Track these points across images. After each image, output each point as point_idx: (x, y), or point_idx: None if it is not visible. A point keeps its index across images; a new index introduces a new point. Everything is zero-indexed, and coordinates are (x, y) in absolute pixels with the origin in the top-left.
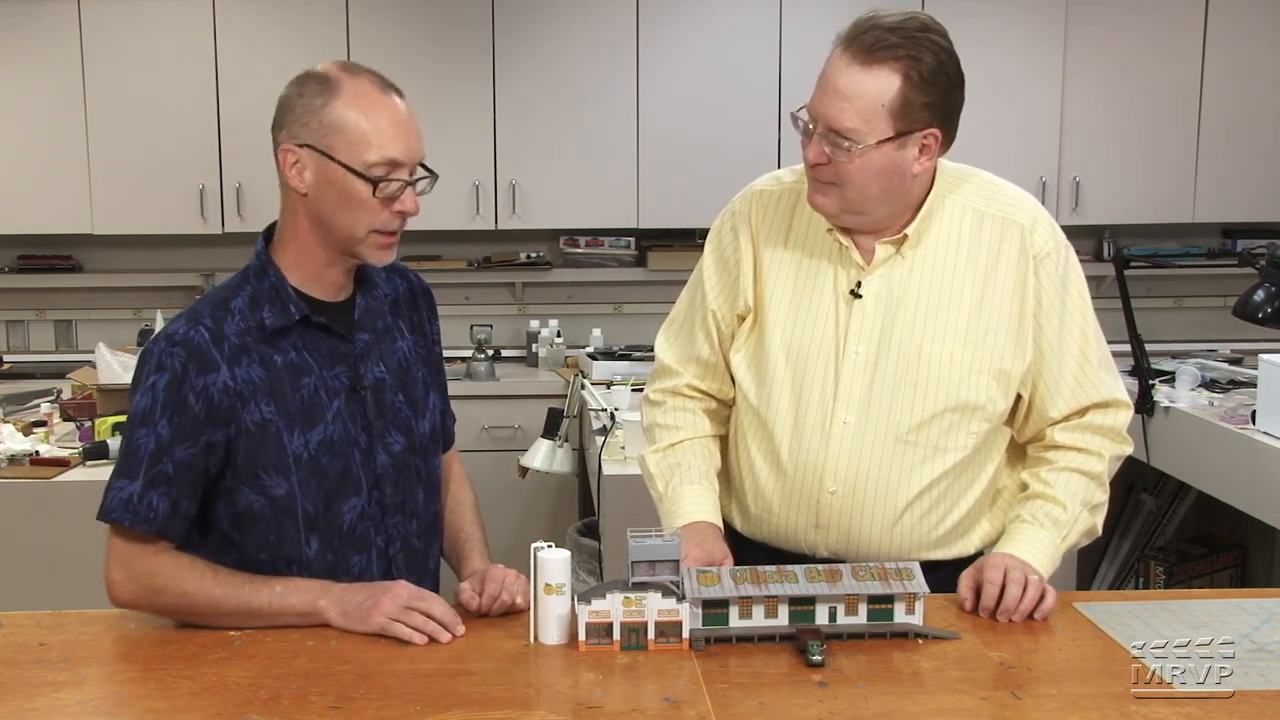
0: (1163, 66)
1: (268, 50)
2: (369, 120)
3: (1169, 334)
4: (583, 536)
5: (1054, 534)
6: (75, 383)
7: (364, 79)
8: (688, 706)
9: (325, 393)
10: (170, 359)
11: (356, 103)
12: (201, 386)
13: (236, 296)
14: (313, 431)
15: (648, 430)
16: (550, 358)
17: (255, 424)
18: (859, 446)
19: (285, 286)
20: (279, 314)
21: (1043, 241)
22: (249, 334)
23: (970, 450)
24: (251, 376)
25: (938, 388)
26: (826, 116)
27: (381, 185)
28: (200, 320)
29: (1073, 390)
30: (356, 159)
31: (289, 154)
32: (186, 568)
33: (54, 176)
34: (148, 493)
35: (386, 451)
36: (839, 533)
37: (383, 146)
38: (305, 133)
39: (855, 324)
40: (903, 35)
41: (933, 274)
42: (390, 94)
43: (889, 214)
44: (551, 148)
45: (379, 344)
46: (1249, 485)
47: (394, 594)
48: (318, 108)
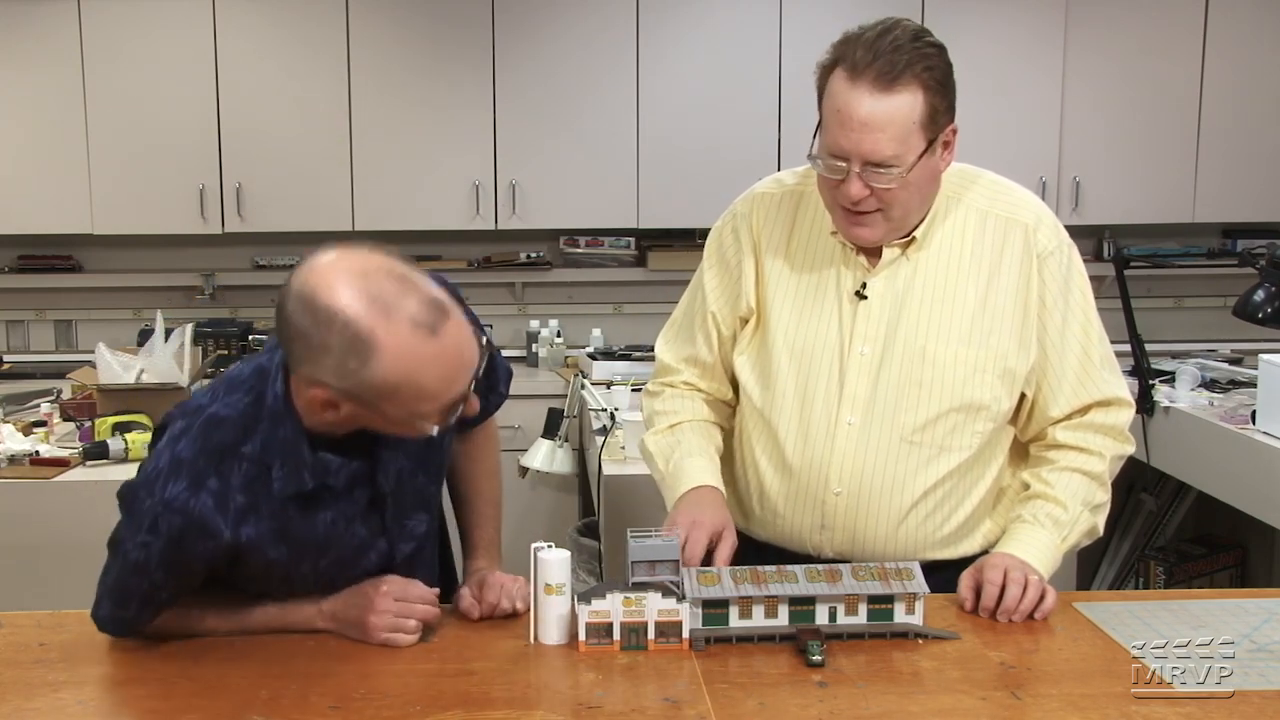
0: (1163, 66)
1: (268, 50)
2: (419, 379)
3: (1169, 334)
4: (583, 536)
5: (1054, 534)
6: (75, 383)
7: (401, 324)
8: (688, 706)
9: (342, 521)
10: (166, 525)
11: (402, 362)
12: (201, 550)
13: (248, 440)
14: (324, 558)
15: (647, 419)
16: (550, 358)
17: (261, 564)
18: (864, 447)
19: (301, 447)
20: (290, 479)
21: (1046, 240)
22: (257, 481)
23: (975, 450)
24: (260, 531)
25: (942, 388)
26: (862, 152)
27: (442, 414)
28: (203, 483)
29: (1074, 389)
30: (410, 411)
31: (318, 391)
32: (181, 615)
33: (54, 176)
34: (142, 614)
35: (407, 540)
36: (844, 533)
37: (439, 396)
38: (344, 385)
39: (861, 325)
40: (904, 49)
41: (937, 274)
42: (435, 335)
43: (917, 217)
44: (551, 148)
45: (399, 440)
46: (1249, 485)
47: (378, 605)
48: (354, 369)
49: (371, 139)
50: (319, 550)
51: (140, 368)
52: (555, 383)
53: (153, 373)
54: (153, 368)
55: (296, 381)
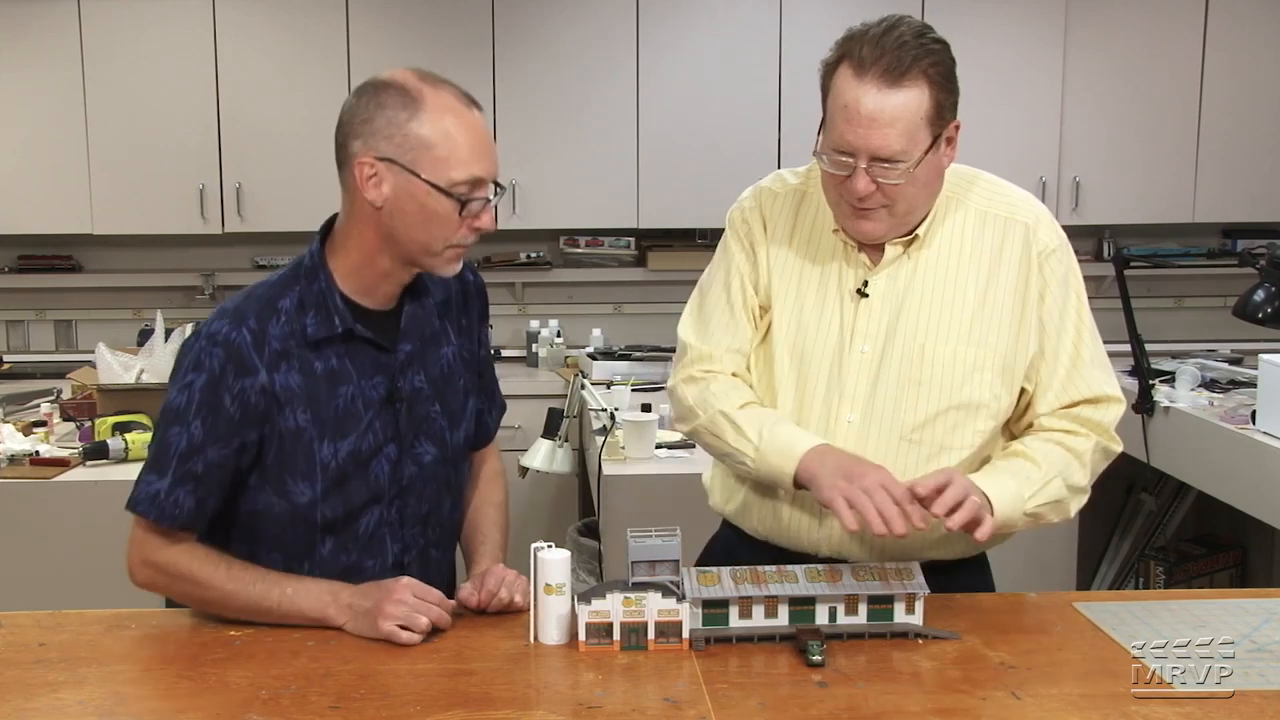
0: (1163, 66)
1: (268, 50)
2: (456, 138)
3: (1169, 334)
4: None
5: (1022, 486)
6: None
7: (446, 93)
8: (688, 706)
9: (361, 403)
10: (209, 359)
11: (443, 118)
12: (239, 389)
13: (285, 296)
14: (344, 441)
15: (698, 403)
16: (550, 358)
17: (289, 430)
18: (863, 445)
19: (334, 294)
20: (322, 324)
21: (1047, 238)
22: (292, 337)
23: (976, 449)
24: (290, 383)
25: (941, 386)
26: (870, 147)
27: (467, 204)
28: (244, 320)
29: (1064, 385)
30: (442, 176)
31: (366, 166)
32: (202, 560)
33: (54, 176)
34: (175, 490)
35: (416, 463)
36: (842, 531)
37: (469, 165)
38: (388, 146)
39: (861, 323)
40: (909, 45)
41: (937, 273)
42: (473, 109)
43: (921, 215)
44: (551, 148)
45: (422, 353)
46: (1249, 485)
47: (392, 598)
48: (402, 121)
49: None
50: (337, 427)
51: (140, 368)
52: (555, 383)
53: (153, 373)
54: (153, 368)
55: (357, 171)
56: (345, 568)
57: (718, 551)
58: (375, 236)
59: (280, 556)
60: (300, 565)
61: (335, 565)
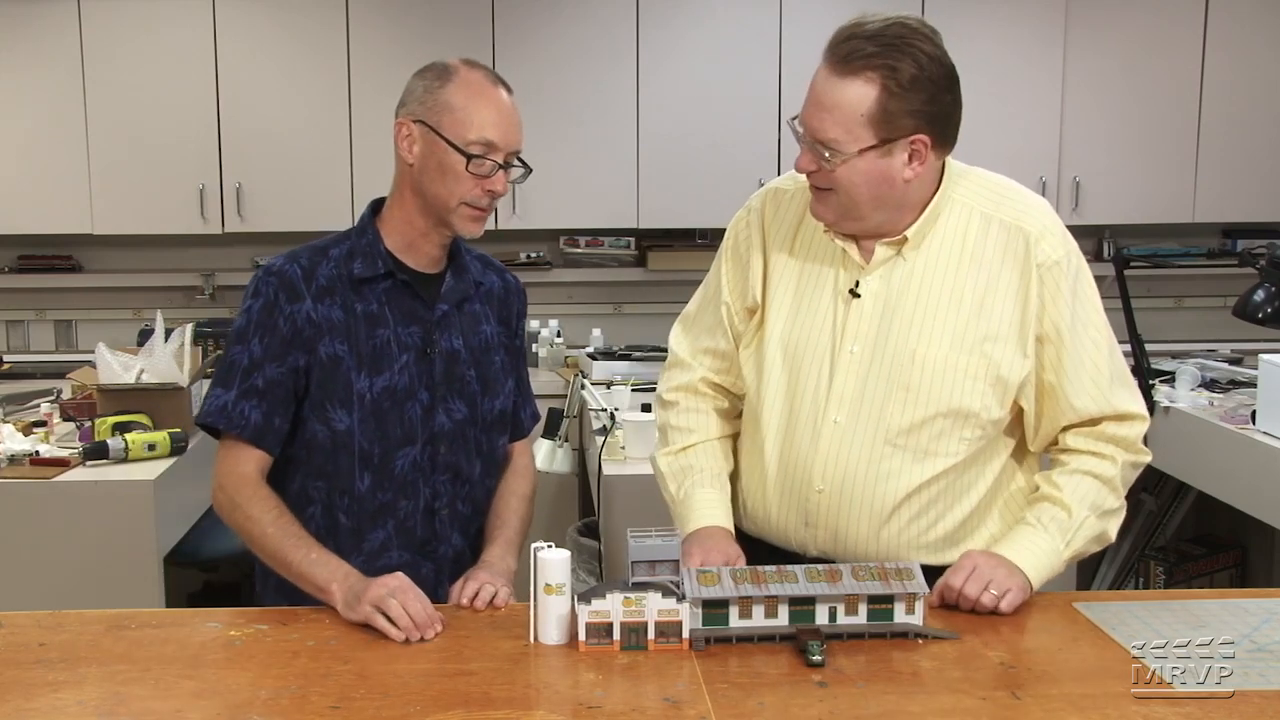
0: (1163, 66)
1: (268, 50)
2: (474, 104)
3: (1169, 334)
4: (583, 536)
5: (1057, 539)
6: (75, 383)
7: (479, 71)
8: (688, 706)
9: (397, 346)
10: (266, 286)
11: (467, 89)
12: (289, 313)
13: (336, 247)
14: (379, 377)
15: (661, 431)
16: (550, 358)
17: (329, 356)
18: (847, 446)
19: (380, 245)
20: (368, 266)
21: (1050, 250)
22: (337, 279)
23: (964, 457)
24: (331, 315)
25: (930, 392)
26: (810, 127)
27: (476, 162)
28: (297, 259)
29: (1086, 404)
30: (458, 135)
31: (403, 127)
32: (262, 499)
33: (54, 176)
34: (240, 402)
35: (447, 415)
36: (827, 532)
37: (482, 128)
38: (420, 109)
39: (852, 324)
40: (881, 44)
41: (933, 277)
42: (499, 87)
43: (885, 219)
44: (551, 148)
45: (460, 318)
46: (1249, 485)
47: (381, 583)
48: (435, 89)
49: (371, 139)
50: (373, 363)
51: (140, 368)
52: (555, 383)
53: (153, 373)
54: (153, 368)
55: (396, 131)
56: (382, 505)
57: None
58: (411, 194)
59: (325, 485)
60: (341, 498)
61: (373, 501)
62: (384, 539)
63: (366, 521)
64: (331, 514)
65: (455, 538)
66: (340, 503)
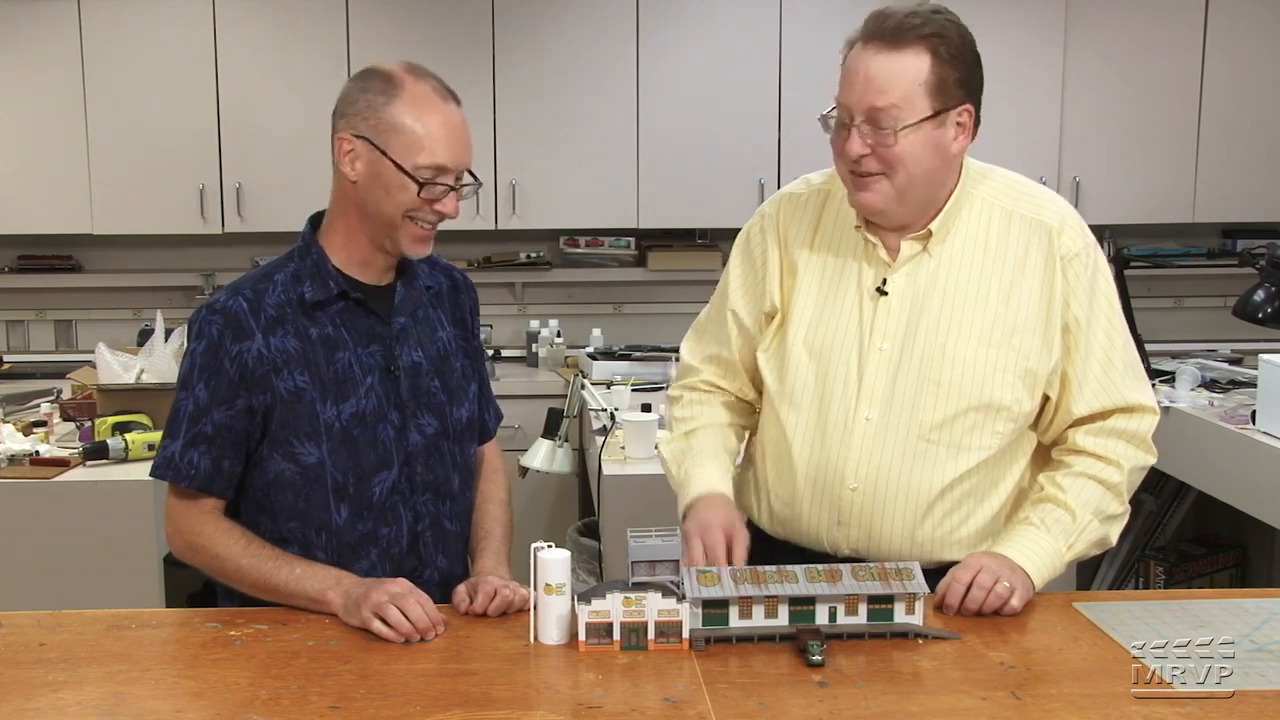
0: (1163, 66)
1: (268, 50)
2: (424, 125)
3: (1169, 334)
4: (583, 536)
5: (1059, 541)
6: (75, 383)
7: (426, 83)
8: (688, 706)
9: (359, 368)
10: (209, 326)
11: (415, 106)
12: (236, 353)
13: (280, 271)
14: (345, 404)
15: (667, 424)
16: (550, 358)
17: (290, 391)
18: (881, 443)
19: (327, 264)
20: (318, 288)
21: (1071, 242)
22: (288, 306)
23: (995, 451)
24: (286, 347)
25: (961, 386)
26: (865, 102)
27: (427, 187)
28: (240, 292)
29: (1095, 394)
30: (407, 159)
31: (344, 142)
32: (224, 533)
33: (54, 176)
34: (188, 451)
35: (419, 432)
36: (860, 530)
37: (434, 152)
38: (364, 126)
39: (881, 321)
40: (923, 18)
41: (959, 272)
42: (449, 102)
43: (921, 207)
44: (551, 148)
45: (417, 330)
46: (1249, 485)
47: (382, 588)
48: (379, 105)
49: None
50: (338, 390)
51: (140, 368)
52: (555, 383)
53: (153, 373)
54: (153, 368)
55: (337, 146)
56: (362, 536)
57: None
58: (355, 211)
59: (299, 525)
60: (318, 535)
61: (352, 533)
62: (367, 570)
63: (348, 554)
64: (309, 553)
65: (440, 560)
66: (317, 540)
